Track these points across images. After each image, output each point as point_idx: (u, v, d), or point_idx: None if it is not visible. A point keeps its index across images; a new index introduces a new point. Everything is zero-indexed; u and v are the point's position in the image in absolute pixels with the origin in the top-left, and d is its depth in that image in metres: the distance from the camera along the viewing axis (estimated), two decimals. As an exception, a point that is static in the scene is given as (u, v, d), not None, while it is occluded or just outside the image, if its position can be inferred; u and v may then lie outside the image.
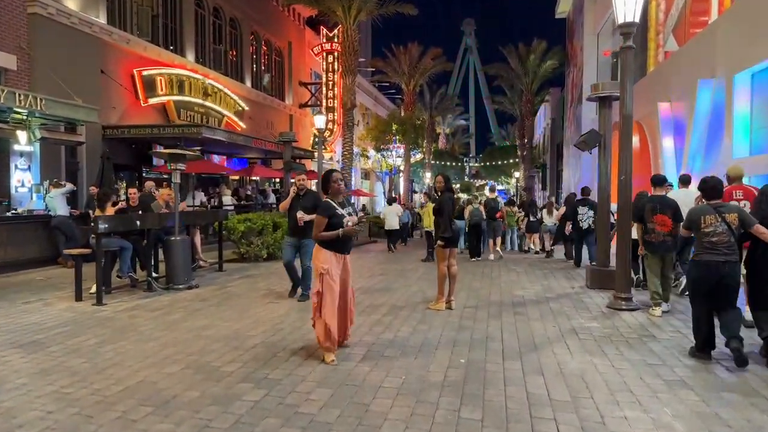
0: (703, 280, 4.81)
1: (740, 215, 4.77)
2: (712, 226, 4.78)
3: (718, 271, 4.70)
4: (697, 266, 4.87)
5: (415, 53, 31.70)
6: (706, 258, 4.77)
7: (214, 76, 19.45)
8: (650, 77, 15.75)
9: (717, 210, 4.83)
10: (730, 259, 4.70)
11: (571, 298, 7.76)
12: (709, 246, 4.77)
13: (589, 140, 8.04)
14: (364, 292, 8.35)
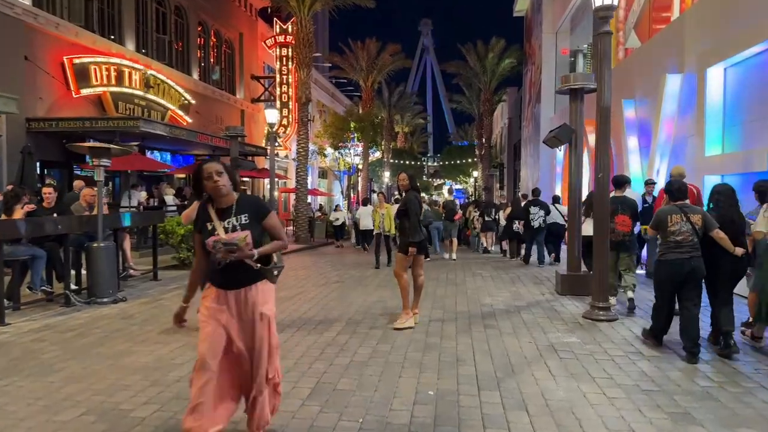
0: (670, 277, 4.97)
1: (704, 217, 4.96)
2: (677, 225, 4.93)
3: (684, 267, 4.87)
4: (664, 265, 5.00)
5: (374, 49, 30.91)
6: (672, 256, 4.92)
7: (157, 66, 18.10)
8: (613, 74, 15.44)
9: (683, 210, 4.99)
10: (694, 254, 4.89)
11: (543, 307, 7.13)
12: (674, 245, 4.93)
13: (561, 135, 7.46)
14: (317, 303, 7.49)
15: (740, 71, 8.50)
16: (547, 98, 24.85)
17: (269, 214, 3.15)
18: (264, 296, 3.10)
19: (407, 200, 6.08)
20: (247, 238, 2.93)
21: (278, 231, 3.19)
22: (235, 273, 3.01)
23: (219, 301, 3.07)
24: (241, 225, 3.01)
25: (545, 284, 8.94)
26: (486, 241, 15.10)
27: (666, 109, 10.57)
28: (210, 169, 3.02)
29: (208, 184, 3.02)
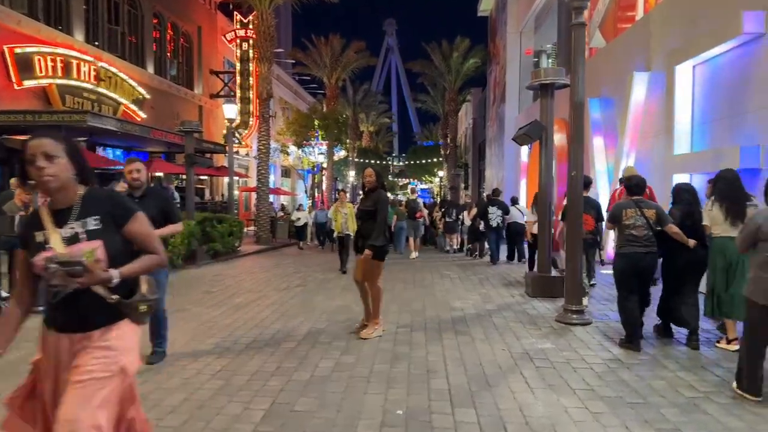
0: (626, 270, 5.12)
1: (658, 212, 5.11)
2: (632, 219, 5.08)
3: (640, 261, 5.05)
4: (622, 258, 5.15)
5: (338, 46, 30.33)
6: (628, 250, 5.08)
7: (109, 59, 17.17)
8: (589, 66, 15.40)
9: (638, 205, 5.14)
10: (650, 250, 5.06)
11: (514, 310, 6.84)
12: (631, 238, 5.07)
13: (531, 132, 7.19)
14: (276, 309, 7.00)
15: (709, 69, 8.44)
16: (512, 98, 24.89)
17: (133, 215, 2.16)
18: (124, 342, 2.10)
19: (378, 199, 5.45)
20: (97, 253, 1.99)
21: (149, 241, 2.19)
22: (80, 309, 2.03)
23: (49, 354, 2.06)
24: (87, 232, 2.03)
25: (515, 286, 8.68)
26: (450, 242, 15.16)
27: (633, 108, 10.50)
28: (34, 148, 1.99)
29: (31, 172, 2.01)
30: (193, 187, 12.12)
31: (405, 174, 65.84)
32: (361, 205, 5.74)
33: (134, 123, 15.02)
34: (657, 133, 9.92)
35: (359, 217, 5.67)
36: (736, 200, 4.79)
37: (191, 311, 6.79)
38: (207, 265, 11.88)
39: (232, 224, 13.84)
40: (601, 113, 12.54)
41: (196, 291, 8.25)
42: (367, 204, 5.57)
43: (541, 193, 7.74)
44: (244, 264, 12.46)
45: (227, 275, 10.08)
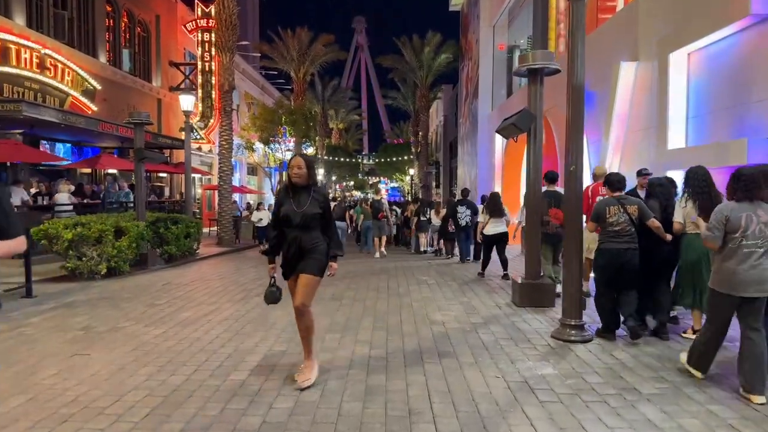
0: (608, 265, 5.20)
1: (640, 207, 5.19)
2: (615, 216, 5.16)
3: (620, 257, 5.13)
4: (602, 254, 5.23)
5: (305, 38, 29.26)
6: (610, 246, 5.17)
7: (54, 46, 15.75)
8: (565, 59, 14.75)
9: (620, 202, 5.22)
10: (630, 246, 5.15)
11: (503, 324, 6.03)
12: (612, 234, 5.17)
13: (520, 123, 6.41)
14: (229, 327, 6.02)
15: (706, 56, 7.80)
16: (485, 94, 24.29)
17: None
18: None
19: (326, 200, 4.24)
20: None
21: None
22: None
23: None
24: None
25: (498, 293, 7.90)
26: (421, 242, 14.78)
27: (619, 101, 9.86)
28: None
29: None
30: (144, 184, 10.97)
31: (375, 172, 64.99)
32: (291, 206, 4.09)
33: (78, 114, 13.70)
34: (646, 127, 9.29)
35: (298, 224, 4.06)
36: (709, 196, 4.88)
37: (126, 330, 5.76)
38: (159, 271, 10.76)
39: (189, 225, 12.73)
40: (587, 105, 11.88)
41: (139, 303, 7.20)
42: (304, 206, 4.07)
43: (530, 191, 6.96)
44: (201, 269, 11.38)
45: (179, 283, 9.02)
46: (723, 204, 4.17)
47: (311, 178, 4.18)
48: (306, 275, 4.03)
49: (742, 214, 3.89)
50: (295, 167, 4.12)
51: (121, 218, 10.31)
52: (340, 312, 6.69)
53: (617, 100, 9.87)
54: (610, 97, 10.08)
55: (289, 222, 4.06)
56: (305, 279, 4.02)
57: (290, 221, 4.05)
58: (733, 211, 3.92)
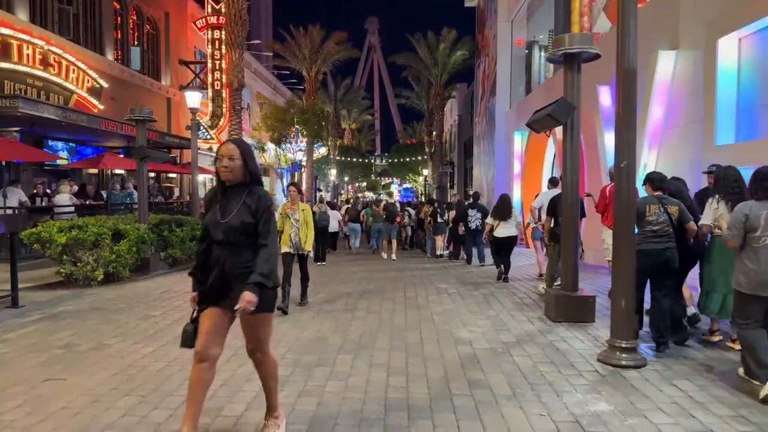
0: (645, 267, 4.86)
1: (680, 209, 5.03)
2: (655, 215, 4.97)
3: (660, 257, 4.89)
4: (640, 254, 4.81)
5: (317, 37, 28.63)
6: (649, 246, 4.89)
7: (59, 42, 15.28)
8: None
9: (660, 201, 5.04)
10: (669, 246, 4.93)
11: (539, 343, 5.28)
12: (651, 234, 4.94)
13: (557, 113, 5.65)
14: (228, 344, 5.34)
15: (759, 42, 7.00)
16: (503, 91, 23.50)
17: None
18: None
19: (260, 205, 2.98)
20: None
21: None
22: None
23: None
24: None
25: (528, 305, 7.14)
26: (437, 245, 14.07)
27: (657, 94, 9.07)
28: None
29: None
30: (146, 185, 10.38)
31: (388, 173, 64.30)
32: (214, 214, 3.00)
33: (81, 112, 13.16)
34: (688, 122, 8.48)
35: (220, 240, 2.96)
36: (742, 197, 4.51)
37: (112, 349, 5.11)
38: (161, 276, 10.14)
39: (195, 227, 12.10)
40: (613, 103, 11.10)
41: (132, 315, 6.56)
42: (230, 214, 2.94)
43: (567, 191, 6.20)
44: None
45: (179, 291, 8.38)
46: (743, 203, 4.12)
47: (250, 172, 3.00)
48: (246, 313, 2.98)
49: (762, 212, 3.87)
50: (225, 157, 2.93)
51: (122, 220, 9.71)
52: (353, 326, 5.99)
53: (654, 93, 9.10)
54: (646, 91, 9.27)
55: (211, 236, 3.00)
56: (247, 318, 3.01)
57: (211, 235, 2.99)
58: (752, 209, 3.91)
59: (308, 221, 6.98)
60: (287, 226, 6.90)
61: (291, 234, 6.89)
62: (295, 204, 7.01)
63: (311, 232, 7.00)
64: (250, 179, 3.01)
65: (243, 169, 2.97)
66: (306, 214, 6.98)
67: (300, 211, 6.94)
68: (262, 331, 3.15)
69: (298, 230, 6.88)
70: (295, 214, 6.91)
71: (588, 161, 12.91)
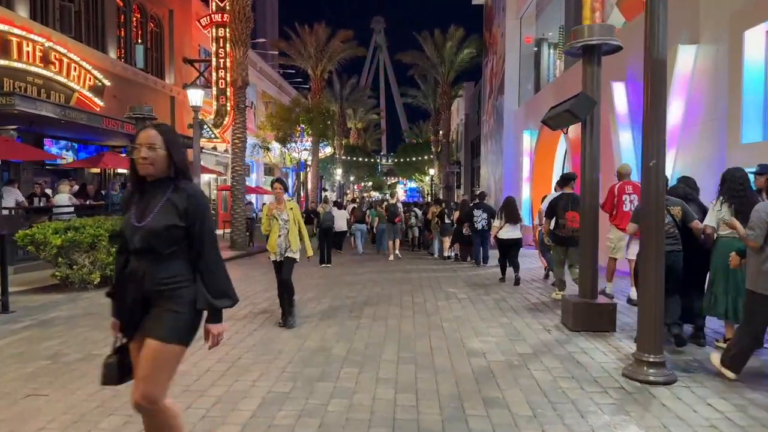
0: None
1: (683, 209, 5.05)
2: None
3: (666, 260, 4.52)
4: None
5: (323, 35, 28.28)
6: None
7: (60, 39, 15.02)
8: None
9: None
10: (675, 248, 4.93)
11: (557, 355, 4.93)
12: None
13: (577, 109, 5.29)
14: (223, 358, 5.02)
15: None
16: (511, 90, 23.12)
17: None
18: None
19: (193, 205, 2.41)
20: None
21: None
22: None
23: None
24: None
25: (543, 311, 6.78)
26: (445, 246, 13.84)
27: (676, 90, 8.67)
28: None
29: None
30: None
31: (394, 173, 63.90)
32: (131, 217, 2.40)
33: (81, 110, 12.88)
34: (710, 119, 8.09)
35: (137, 249, 2.36)
36: (746, 200, 4.50)
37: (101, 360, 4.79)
38: (161, 279, 9.85)
39: (196, 229, 11.80)
40: (627, 99, 10.73)
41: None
42: (149, 215, 2.36)
43: (585, 192, 5.84)
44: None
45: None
46: (764, 203, 4.06)
47: (175, 165, 2.41)
48: (153, 341, 2.32)
49: None
50: (144, 146, 2.35)
51: (120, 221, 9.41)
52: (358, 335, 5.66)
53: (673, 90, 8.68)
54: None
55: (127, 243, 2.39)
56: (151, 349, 2.32)
57: (127, 242, 2.39)
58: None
59: (298, 220, 6.23)
60: (275, 228, 6.10)
61: (281, 238, 6.09)
62: (281, 203, 6.18)
63: (305, 231, 6.29)
64: (175, 173, 2.42)
65: (167, 161, 2.39)
66: (295, 212, 6.21)
67: (288, 210, 6.15)
68: (164, 372, 2.35)
69: (287, 233, 6.08)
70: (282, 215, 6.12)
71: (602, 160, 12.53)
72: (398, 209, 15.24)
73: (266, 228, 6.16)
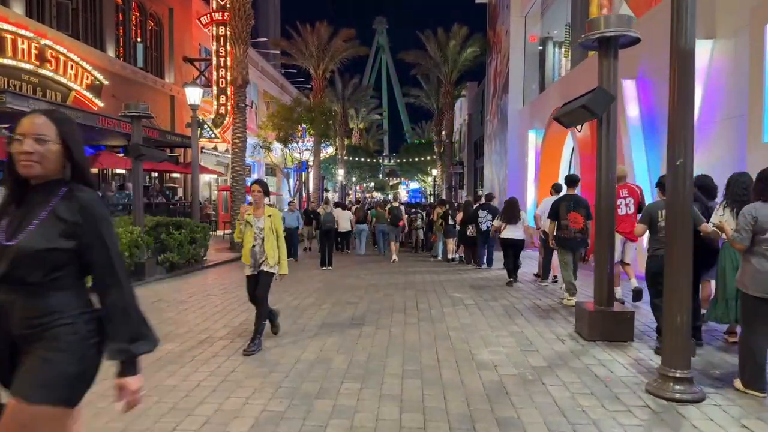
0: (661, 272, 4.26)
1: (692, 212, 4.67)
2: None
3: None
4: (657, 260, 4.74)
5: (325, 34, 27.95)
6: (663, 253, 4.35)
7: (56, 37, 14.75)
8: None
9: None
10: None
11: (574, 368, 4.59)
12: (665, 240, 4.36)
13: (594, 104, 4.94)
14: (206, 383, 4.69)
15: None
16: (516, 89, 22.81)
17: None
18: None
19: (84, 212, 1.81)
20: None
21: None
22: None
23: None
24: None
25: (555, 319, 6.44)
26: (449, 248, 13.52)
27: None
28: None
29: None
30: (141, 185, 9.79)
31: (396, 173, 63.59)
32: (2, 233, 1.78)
33: (76, 108, 12.60)
34: (726, 117, 7.76)
35: (3, 277, 1.73)
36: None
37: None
38: (157, 282, 9.55)
39: (194, 230, 11.52)
40: (638, 98, 10.39)
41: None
42: (23, 230, 1.75)
43: (602, 193, 5.50)
44: (206, 280, 10.14)
45: (173, 300, 7.76)
46: (750, 205, 4.00)
47: (73, 163, 1.85)
48: (13, 402, 1.69)
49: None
50: (28, 137, 1.76)
51: (115, 223, 9.11)
52: (360, 345, 5.33)
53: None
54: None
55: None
56: (9, 412, 1.68)
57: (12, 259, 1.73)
58: (760, 211, 3.84)
59: (278, 229, 5.26)
60: (248, 236, 5.21)
61: (254, 246, 5.18)
62: (259, 207, 5.24)
63: (283, 244, 5.30)
64: (72, 175, 1.85)
65: (60, 159, 1.80)
66: (274, 220, 5.25)
67: (266, 217, 5.21)
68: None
69: (262, 242, 5.17)
70: (258, 222, 5.20)
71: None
72: (401, 212, 15.30)
73: (238, 235, 5.34)
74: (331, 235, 12.88)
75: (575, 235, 7.09)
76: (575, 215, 7.08)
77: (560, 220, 7.18)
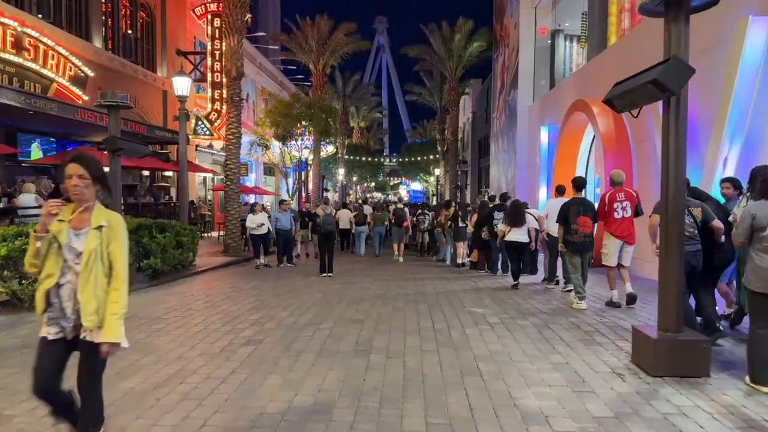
0: None
1: (703, 209, 5.13)
2: None
3: (691, 260, 4.92)
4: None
5: (325, 27, 26.90)
6: None
7: (36, 24, 13.68)
8: (633, 37, 12.08)
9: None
10: (698, 248, 5.07)
11: (649, 420, 3.50)
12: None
13: (667, 78, 3.84)
14: (185, 415, 3.63)
15: None
16: (526, 83, 21.81)
17: None
18: None
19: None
20: None
21: None
22: None
23: None
24: None
25: (601, 343, 5.35)
26: (459, 252, 12.59)
27: (744, 69, 7.28)
28: None
29: None
30: (119, 183, 8.74)
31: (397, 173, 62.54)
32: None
33: (50, 99, 11.50)
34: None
35: None
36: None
37: (11, 427, 3.40)
38: (136, 293, 8.46)
39: (180, 233, 10.45)
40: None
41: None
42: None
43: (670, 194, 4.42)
44: (190, 290, 9.06)
45: (147, 317, 6.69)
46: (752, 204, 4.09)
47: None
48: None
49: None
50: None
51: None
52: (368, 382, 4.25)
53: (741, 69, 7.30)
54: (728, 66, 7.51)
55: None
56: None
57: None
58: (760, 209, 3.89)
59: (113, 254, 2.72)
60: (49, 264, 2.65)
61: (61, 287, 2.66)
62: (84, 211, 2.72)
63: (125, 277, 2.75)
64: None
65: None
66: (110, 235, 2.73)
67: (93, 229, 2.70)
68: None
69: (78, 278, 2.65)
70: (77, 237, 2.69)
71: (636, 158, 11.14)
72: (406, 213, 15.40)
73: (31, 260, 2.67)
74: (332, 239, 11.52)
75: (584, 239, 7.15)
76: (585, 219, 7.14)
77: (570, 224, 7.18)
